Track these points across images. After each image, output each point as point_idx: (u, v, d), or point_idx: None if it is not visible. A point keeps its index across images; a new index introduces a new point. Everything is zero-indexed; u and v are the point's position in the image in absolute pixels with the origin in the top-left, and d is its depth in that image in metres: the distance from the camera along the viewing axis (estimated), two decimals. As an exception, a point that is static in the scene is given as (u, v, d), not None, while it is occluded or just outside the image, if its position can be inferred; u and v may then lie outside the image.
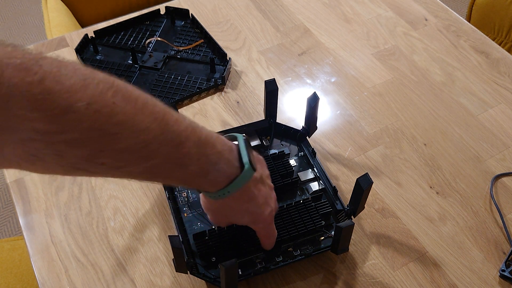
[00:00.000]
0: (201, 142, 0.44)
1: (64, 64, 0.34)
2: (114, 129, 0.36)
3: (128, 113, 0.37)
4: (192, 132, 0.43)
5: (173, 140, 0.41)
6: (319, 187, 0.65)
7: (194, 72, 0.84)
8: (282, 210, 0.61)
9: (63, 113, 0.33)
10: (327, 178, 0.65)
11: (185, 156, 0.43)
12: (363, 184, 0.55)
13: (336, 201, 0.63)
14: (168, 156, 0.42)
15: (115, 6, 1.32)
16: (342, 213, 0.62)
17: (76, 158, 0.37)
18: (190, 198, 0.64)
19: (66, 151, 0.35)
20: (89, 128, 0.35)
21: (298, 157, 0.69)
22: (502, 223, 0.65)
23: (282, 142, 0.71)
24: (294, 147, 0.70)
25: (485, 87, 0.82)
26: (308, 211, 0.61)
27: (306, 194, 0.65)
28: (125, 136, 0.37)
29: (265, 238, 0.57)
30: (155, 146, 0.40)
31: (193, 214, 0.62)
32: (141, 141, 0.39)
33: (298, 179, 0.65)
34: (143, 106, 0.39)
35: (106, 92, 0.36)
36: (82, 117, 0.34)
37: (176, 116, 0.42)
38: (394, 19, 0.94)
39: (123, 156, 0.39)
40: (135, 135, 0.38)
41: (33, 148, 0.34)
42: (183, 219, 0.62)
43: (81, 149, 0.36)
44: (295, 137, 0.70)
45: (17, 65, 0.31)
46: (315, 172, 0.66)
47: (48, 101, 0.32)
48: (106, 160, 0.38)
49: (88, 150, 0.36)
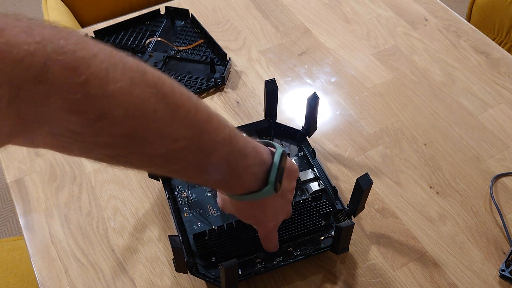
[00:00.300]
0: (233, 153, 0.43)
1: (114, 64, 0.33)
2: (146, 135, 0.36)
3: (165, 122, 0.36)
4: (228, 143, 0.42)
5: (204, 149, 0.40)
6: (319, 187, 0.65)
7: (194, 72, 0.84)
8: None
9: (98, 118, 0.32)
10: (327, 178, 0.65)
11: (211, 165, 0.42)
12: (363, 184, 0.55)
13: (336, 201, 0.63)
14: (194, 162, 0.41)
15: (115, 6, 1.32)
16: (342, 213, 0.62)
17: (103, 155, 0.36)
18: (190, 198, 0.64)
19: (95, 150, 0.35)
20: (122, 134, 0.34)
21: (298, 157, 0.69)
22: (502, 223, 0.65)
23: (282, 142, 0.71)
24: (294, 147, 0.70)
25: (485, 87, 0.82)
26: (308, 211, 0.61)
27: (306, 194, 0.65)
28: (156, 143, 0.37)
29: (264, 241, 0.57)
30: (183, 153, 0.39)
31: (193, 214, 0.62)
32: (171, 149, 0.38)
33: (298, 179, 0.65)
34: (184, 114, 0.38)
35: (150, 98, 0.35)
36: (117, 124, 0.33)
37: (217, 125, 0.41)
38: (394, 19, 0.94)
39: (149, 159, 0.38)
40: (166, 144, 0.37)
41: (63, 142, 0.34)
42: (183, 219, 0.62)
43: (109, 150, 0.36)
44: (295, 137, 0.70)
45: (66, 63, 0.30)
46: (315, 172, 0.66)
47: (86, 105, 0.31)
48: (132, 160, 0.38)
49: (116, 151, 0.36)
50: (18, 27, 0.29)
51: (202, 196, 0.64)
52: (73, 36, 0.31)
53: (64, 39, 0.30)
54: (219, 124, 0.42)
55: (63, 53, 0.30)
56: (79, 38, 0.32)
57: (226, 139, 0.42)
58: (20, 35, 0.28)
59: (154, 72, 0.36)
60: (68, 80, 0.30)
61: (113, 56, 0.33)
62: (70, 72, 0.30)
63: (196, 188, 0.65)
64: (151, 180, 0.69)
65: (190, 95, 0.39)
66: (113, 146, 0.35)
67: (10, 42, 0.28)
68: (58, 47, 0.30)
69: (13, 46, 0.28)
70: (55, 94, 0.30)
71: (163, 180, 0.65)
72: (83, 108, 0.31)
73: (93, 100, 0.31)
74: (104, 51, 0.33)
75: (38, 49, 0.28)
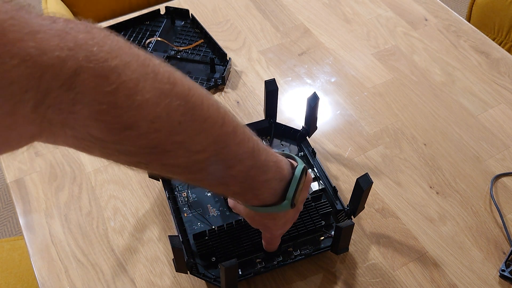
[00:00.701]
0: (255, 167, 0.43)
1: (145, 74, 0.32)
2: (169, 147, 0.35)
3: (190, 134, 0.36)
4: (251, 156, 0.42)
5: (226, 162, 0.40)
6: (319, 187, 0.65)
7: (194, 72, 0.84)
8: None
9: (123, 129, 0.32)
10: (327, 178, 0.65)
11: (230, 177, 0.42)
12: (363, 184, 0.55)
13: (336, 201, 0.63)
14: (214, 173, 0.40)
15: (115, 6, 1.32)
16: (342, 213, 0.62)
17: (124, 161, 0.36)
18: (190, 198, 0.64)
19: (116, 156, 0.35)
20: (145, 145, 0.34)
21: (298, 157, 0.69)
22: (502, 223, 0.65)
23: (282, 142, 0.71)
24: (294, 147, 0.70)
25: (485, 87, 0.82)
26: (308, 211, 0.61)
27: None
28: (178, 154, 0.36)
29: (267, 243, 0.57)
30: (204, 164, 0.39)
31: (193, 214, 0.62)
32: (193, 161, 0.38)
33: None
34: (210, 127, 0.37)
35: (177, 110, 0.34)
36: (141, 135, 0.33)
37: (241, 137, 0.41)
38: (394, 19, 0.94)
39: (170, 168, 0.38)
40: (188, 155, 0.37)
41: (85, 145, 0.33)
42: (183, 219, 0.62)
43: (131, 158, 0.35)
44: (295, 137, 0.70)
45: (97, 72, 0.29)
46: (315, 172, 0.66)
47: (112, 115, 0.31)
48: (151, 167, 0.37)
49: (137, 159, 0.36)
50: (53, 31, 0.28)
51: (202, 196, 0.64)
52: (108, 41, 0.31)
53: (97, 46, 0.30)
54: (244, 137, 0.41)
55: (95, 61, 0.29)
56: (113, 44, 0.31)
57: (249, 152, 0.42)
58: (53, 39, 0.28)
59: (184, 82, 0.35)
60: (97, 89, 0.29)
61: (146, 66, 0.32)
62: (100, 81, 0.29)
63: (196, 188, 0.65)
64: (151, 180, 0.69)
65: (218, 107, 0.38)
66: (135, 155, 0.35)
67: (42, 47, 0.27)
68: (91, 55, 0.29)
69: (45, 51, 0.27)
70: (83, 102, 0.29)
71: (163, 180, 0.65)
72: (109, 118, 0.31)
73: (119, 111, 0.31)
74: (137, 59, 0.32)
75: (70, 56, 0.28)
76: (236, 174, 0.42)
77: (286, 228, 0.54)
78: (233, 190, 0.44)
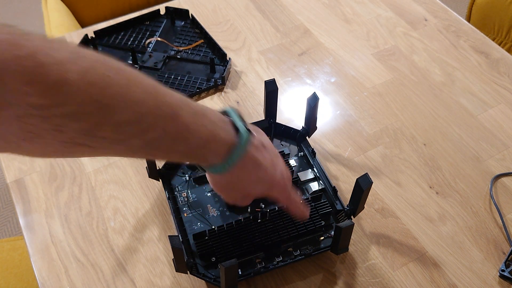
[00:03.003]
0: (196, 113, 0.44)
1: (51, 40, 0.35)
2: (109, 101, 0.37)
3: (122, 85, 0.38)
4: (186, 104, 0.44)
5: (168, 111, 0.42)
6: (319, 187, 0.65)
7: (194, 72, 0.84)
8: (282, 211, 0.61)
9: (57, 85, 0.33)
10: (327, 178, 0.65)
11: (183, 127, 0.43)
12: (363, 184, 0.55)
13: (336, 201, 0.63)
14: (166, 128, 0.42)
15: (115, 6, 1.32)
16: (342, 213, 0.62)
17: (76, 132, 0.36)
18: (190, 198, 0.64)
19: (64, 125, 0.35)
20: (84, 101, 0.35)
21: (298, 157, 0.69)
22: (502, 223, 0.65)
23: (282, 142, 0.71)
24: (294, 147, 0.70)
25: (485, 87, 0.82)
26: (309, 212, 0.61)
27: (306, 194, 0.65)
28: (121, 107, 0.38)
29: (290, 205, 0.55)
30: (151, 118, 0.40)
31: (193, 214, 0.62)
32: (137, 113, 0.39)
33: (298, 179, 0.65)
34: (135, 79, 0.39)
35: (97, 65, 0.36)
36: (76, 90, 0.34)
37: (167, 89, 0.43)
38: (394, 19, 0.95)
39: (122, 128, 0.39)
40: (130, 107, 0.38)
41: (30, 124, 0.34)
42: (183, 219, 0.62)
43: (79, 123, 0.36)
44: (295, 137, 0.70)
45: (6, 40, 0.31)
46: (315, 172, 0.66)
47: (41, 74, 0.33)
48: (106, 133, 0.38)
49: (87, 124, 0.36)
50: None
51: (202, 196, 0.64)
52: (5, 24, 0.33)
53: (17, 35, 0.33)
54: (168, 89, 0.43)
55: (1, 33, 0.32)
56: (11, 25, 0.34)
57: (182, 101, 0.43)
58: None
59: (90, 50, 0.38)
60: (15, 53, 0.32)
61: (47, 36, 0.36)
62: (14, 46, 0.32)
63: (196, 188, 0.65)
64: (151, 180, 0.69)
65: (130, 67, 0.40)
66: (82, 117, 0.36)
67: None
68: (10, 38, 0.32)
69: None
70: (8, 70, 0.31)
71: (163, 180, 0.65)
72: (38, 77, 0.32)
73: (45, 68, 0.33)
74: (36, 33, 0.35)
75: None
76: (185, 122, 0.43)
77: (279, 168, 0.53)
78: (192, 142, 0.44)
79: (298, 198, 0.56)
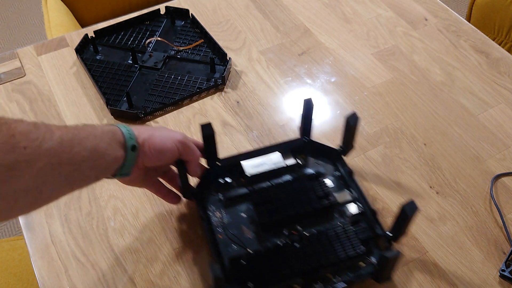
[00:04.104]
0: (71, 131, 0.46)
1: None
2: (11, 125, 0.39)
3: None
4: (61, 127, 0.45)
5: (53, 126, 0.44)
6: (357, 210, 0.62)
7: (194, 72, 0.84)
8: (320, 235, 0.59)
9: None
10: (366, 200, 0.62)
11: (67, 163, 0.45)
12: (409, 211, 0.52)
13: (376, 225, 0.59)
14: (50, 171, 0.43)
15: (115, 6, 1.32)
16: (382, 238, 0.59)
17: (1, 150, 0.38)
18: (224, 219, 0.61)
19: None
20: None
21: (334, 177, 0.66)
22: (502, 223, 0.65)
23: (317, 161, 0.67)
24: (330, 166, 0.67)
25: (485, 87, 0.82)
26: (347, 236, 0.58)
27: (343, 217, 0.62)
28: (17, 123, 0.40)
29: (193, 160, 0.59)
30: (44, 126, 0.43)
31: (227, 236, 0.60)
32: (30, 123, 0.41)
33: (335, 201, 0.62)
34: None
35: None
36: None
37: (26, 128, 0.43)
38: (394, 19, 0.94)
39: (31, 134, 0.41)
40: (26, 124, 0.41)
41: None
42: (217, 241, 0.59)
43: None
44: (331, 155, 0.67)
45: None
46: (352, 193, 0.63)
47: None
48: (23, 143, 0.39)
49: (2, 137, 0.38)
50: None
51: (236, 216, 0.62)
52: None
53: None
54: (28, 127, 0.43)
55: None
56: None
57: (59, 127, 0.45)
58: None
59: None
60: None
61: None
62: None
63: (230, 208, 0.62)
64: (151, 180, 0.69)
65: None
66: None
67: None
68: None
69: None
70: None
71: (196, 199, 0.63)
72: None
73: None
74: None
75: None
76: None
77: (176, 132, 0.58)
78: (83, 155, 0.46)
79: (197, 153, 0.59)
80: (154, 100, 0.79)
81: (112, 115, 0.77)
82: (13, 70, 0.84)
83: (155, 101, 0.79)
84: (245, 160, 0.65)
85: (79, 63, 0.85)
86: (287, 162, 0.66)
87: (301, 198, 0.62)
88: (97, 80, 0.81)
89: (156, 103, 0.78)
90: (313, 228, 0.60)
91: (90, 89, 0.81)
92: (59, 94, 0.80)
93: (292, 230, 0.60)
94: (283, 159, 0.66)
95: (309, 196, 0.62)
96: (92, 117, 0.77)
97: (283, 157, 0.66)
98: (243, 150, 0.72)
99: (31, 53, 0.87)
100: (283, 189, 0.63)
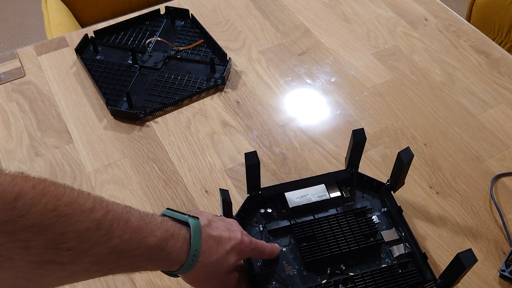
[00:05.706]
0: (142, 217, 0.45)
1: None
2: (65, 209, 0.38)
3: (73, 195, 0.39)
4: (131, 209, 0.45)
5: (119, 216, 0.43)
6: (405, 251, 0.59)
7: (194, 72, 0.84)
8: (366, 276, 0.56)
9: (14, 199, 0.35)
10: (415, 241, 0.59)
11: (137, 229, 0.44)
12: (465, 262, 0.50)
13: (426, 269, 0.57)
14: (123, 232, 0.43)
15: (115, 6, 1.32)
16: (432, 284, 0.56)
17: (42, 246, 0.37)
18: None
19: (30, 239, 0.36)
20: (42, 211, 0.36)
21: (381, 213, 0.63)
22: (502, 223, 0.65)
23: (364, 195, 0.65)
24: (377, 201, 0.64)
25: (485, 87, 0.82)
26: (395, 279, 0.55)
27: (390, 257, 0.59)
28: (78, 215, 0.39)
29: (263, 255, 0.56)
30: (108, 223, 0.41)
31: (267, 271, 0.57)
32: (94, 220, 0.40)
33: (382, 240, 0.60)
34: (80, 191, 0.41)
35: (45, 180, 0.38)
36: (31, 200, 0.36)
37: (108, 199, 0.43)
38: (394, 19, 0.94)
39: (84, 236, 0.39)
40: (86, 214, 0.40)
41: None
42: (256, 276, 0.57)
43: (43, 234, 0.37)
44: (378, 190, 0.65)
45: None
46: (400, 232, 0.61)
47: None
48: (70, 243, 0.39)
49: (51, 235, 0.37)
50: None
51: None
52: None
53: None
54: (108, 200, 0.43)
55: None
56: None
57: (126, 207, 0.44)
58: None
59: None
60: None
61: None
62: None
63: (271, 241, 0.60)
64: (151, 180, 0.69)
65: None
66: (44, 228, 0.37)
67: None
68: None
69: None
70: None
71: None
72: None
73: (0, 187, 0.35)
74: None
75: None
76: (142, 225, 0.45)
77: (238, 231, 0.53)
78: (144, 257, 0.46)
79: (265, 246, 0.56)
80: (154, 100, 0.79)
81: (112, 115, 0.77)
82: (13, 70, 0.84)
83: (155, 101, 0.79)
84: (288, 192, 0.63)
85: (79, 63, 0.85)
86: (331, 194, 0.63)
87: (346, 235, 0.59)
88: (97, 80, 0.81)
89: (156, 103, 0.78)
90: (358, 268, 0.58)
91: (90, 89, 0.81)
92: (59, 94, 0.80)
93: (336, 270, 0.58)
94: (327, 190, 0.63)
95: (355, 233, 0.59)
96: (92, 117, 0.77)
97: (327, 189, 0.63)
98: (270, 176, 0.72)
99: (31, 53, 0.87)
100: (327, 224, 0.60)
